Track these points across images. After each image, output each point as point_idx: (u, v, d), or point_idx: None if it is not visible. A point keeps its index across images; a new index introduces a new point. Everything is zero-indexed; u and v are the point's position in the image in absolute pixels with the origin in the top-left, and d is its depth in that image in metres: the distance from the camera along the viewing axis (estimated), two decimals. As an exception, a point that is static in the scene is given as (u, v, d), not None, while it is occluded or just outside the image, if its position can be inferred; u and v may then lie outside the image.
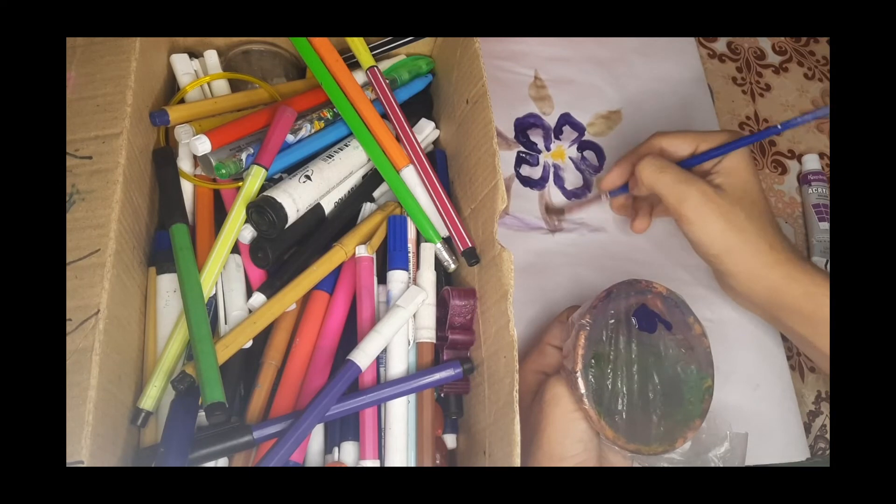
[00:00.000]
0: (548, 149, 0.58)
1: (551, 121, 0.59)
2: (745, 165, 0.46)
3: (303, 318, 0.42)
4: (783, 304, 0.45)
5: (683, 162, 0.48)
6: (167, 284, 0.40)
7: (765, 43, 0.69)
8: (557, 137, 0.59)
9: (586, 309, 0.40)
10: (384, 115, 0.46)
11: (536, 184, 0.56)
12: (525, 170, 0.57)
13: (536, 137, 0.58)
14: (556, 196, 0.56)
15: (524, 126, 0.58)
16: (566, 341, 0.40)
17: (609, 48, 0.63)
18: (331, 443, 0.40)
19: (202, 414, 0.36)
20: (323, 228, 0.44)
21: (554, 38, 0.62)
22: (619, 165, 0.51)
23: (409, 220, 0.45)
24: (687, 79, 0.64)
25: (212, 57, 0.48)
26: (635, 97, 0.62)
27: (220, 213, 0.43)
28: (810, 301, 0.43)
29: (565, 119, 0.60)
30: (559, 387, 0.39)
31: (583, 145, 0.59)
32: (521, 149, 0.57)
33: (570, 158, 0.58)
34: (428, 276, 0.43)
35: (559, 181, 0.57)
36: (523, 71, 0.61)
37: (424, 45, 0.53)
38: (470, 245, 0.43)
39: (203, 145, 0.40)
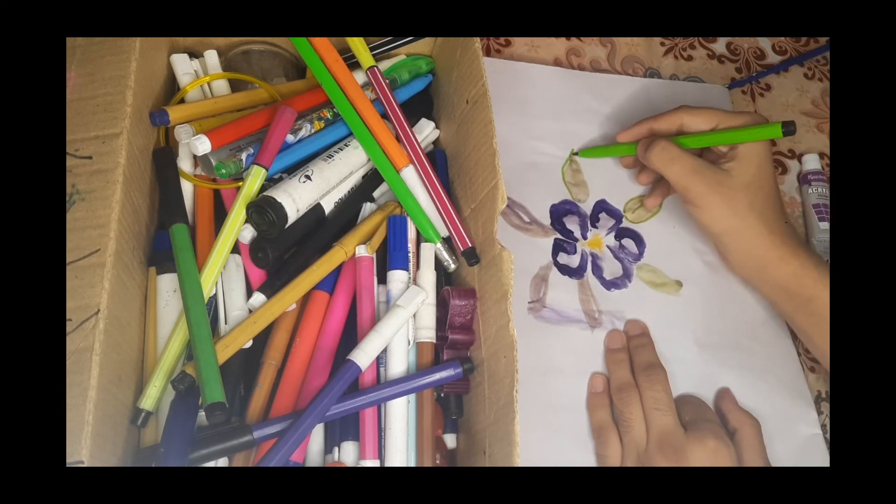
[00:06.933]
0: (584, 237, 0.55)
1: (587, 208, 0.56)
2: (761, 154, 0.49)
3: (303, 318, 0.42)
4: (773, 282, 0.50)
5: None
6: (167, 284, 0.40)
7: (765, 43, 0.69)
8: (594, 225, 0.55)
9: None
10: (384, 115, 0.46)
11: (575, 273, 0.53)
12: (563, 258, 0.53)
13: (573, 225, 0.55)
14: (595, 286, 0.53)
15: (560, 213, 0.55)
16: None
17: None
18: (331, 443, 0.40)
19: (202, 414, 0.36)
20: (323, 228, 0.44)
21: (588, 118, 0.59)
22: (639, 127, 0.53)
23: (409, 220, 0.45)
24: None
25: (212, 57, 0.48)
26: None
27: (220, 213, 0.43)
28: (797, 281, 0.48)
29: (601, 206, 0.56)
30: None
31: (620, 233, 0.56)
32: (559, 236, 0.54)
33: (608, 247, 0.55)
34: (428, 275, 0.43)
35: (598, 271, 0.54)
36: (558, 153, 0.58)
37: (424, 45, 0.53)
38: (470, 245, 0.43)
39: (203, 145, 0.40)
